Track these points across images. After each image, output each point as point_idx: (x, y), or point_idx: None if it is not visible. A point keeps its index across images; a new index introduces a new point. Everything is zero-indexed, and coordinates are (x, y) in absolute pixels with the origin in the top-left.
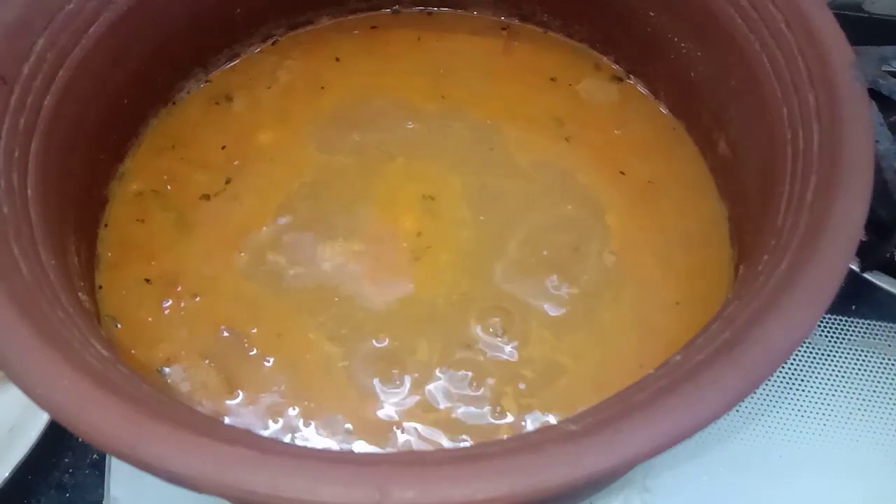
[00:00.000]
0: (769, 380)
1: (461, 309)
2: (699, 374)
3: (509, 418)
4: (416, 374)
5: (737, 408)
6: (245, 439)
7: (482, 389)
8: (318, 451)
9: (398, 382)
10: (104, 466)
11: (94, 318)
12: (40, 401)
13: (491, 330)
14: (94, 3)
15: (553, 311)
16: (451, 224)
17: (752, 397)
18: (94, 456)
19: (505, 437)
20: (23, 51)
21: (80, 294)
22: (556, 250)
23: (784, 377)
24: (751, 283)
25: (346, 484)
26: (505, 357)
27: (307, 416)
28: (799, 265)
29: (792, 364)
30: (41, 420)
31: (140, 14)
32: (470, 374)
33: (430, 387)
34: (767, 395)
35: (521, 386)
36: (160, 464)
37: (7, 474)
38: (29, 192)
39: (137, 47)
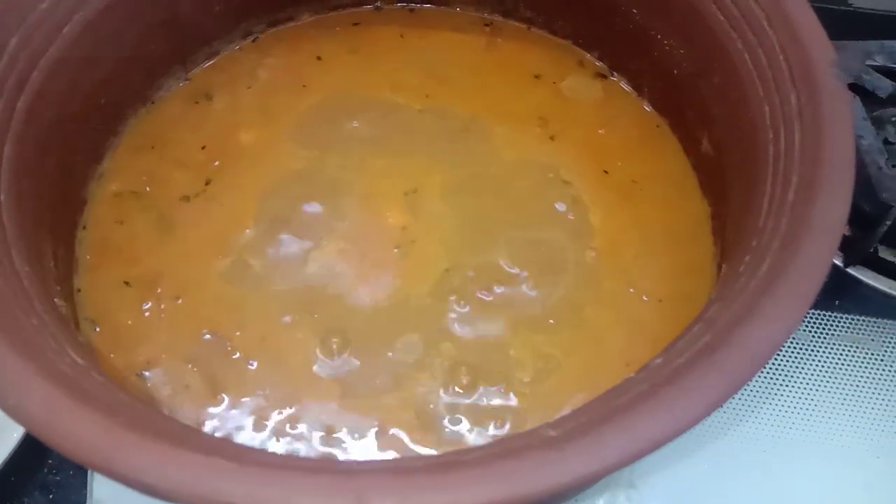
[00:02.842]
0: (755, 377)
1: (448, 305)
2: (680, 377)
3: (498, 418)
4: (405, 374)
5: (724, 404)
6: (222, 449)
7: (470, 388)
8: (297, 460)
9: (387, 383)
10: None
11: (71, 324)
12: (13, 413)
13: (478, 327)
14: (69, 2)
15: (539, 308)
16: (435, 221)
17: (738, 393)
18: None
19: (485, 441)
20: None
21: (56, 299)
22: (540, 248)
23: (767, 373)
24: (732, 284)
25: (325, 494)
26: (493, 355)
27: (293, 420)
28: (780, 267)
29: (775, 360)
30: None
31: (116, 12)
32: (458, 372)
33: (420, 387)
34: (752, 391)
35: (510, 384)
36: (136, 476)
37: None
38: (2, 196)
39: (114, 46)
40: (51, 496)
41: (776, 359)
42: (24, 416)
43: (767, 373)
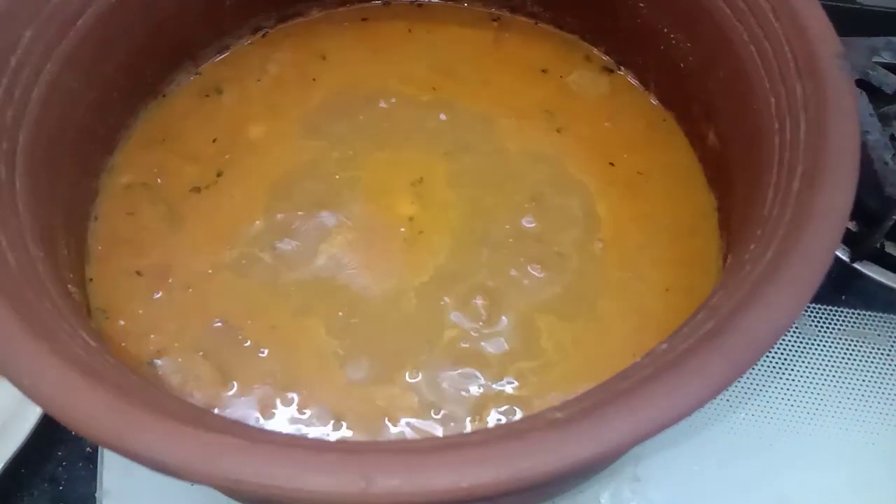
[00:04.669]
0: (761, 370)
1: (455, 297)
2: (683, 362)
3: (505, 405)
4: (413, 363)
5: (730, 397)
6: (232, 428)
7: (478, 378)
8: (305, 439)
9: (396, 370)
10: (97, 459)
11: (84, 310)
12: (28, 391)
13: (484, 317)
14: None
15: (548, 298)
16: (442, 212)
17: (744, 386)
18: (88, 449)
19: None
20: (10, 42)
21: (69, 286)
22: (548, 238)
23: (774, 366)
24: (736, 273)
25: (332, 471)
26: (499, 345)
27: (302, 406)
28: (783, 254)
29: (782, 353)
30: (34, 413)
31: (129, 5)
32: (465, 362)
33: (427, 376)
34: (757, 385)
35: (519, 373)
36: (147, 453)
37: (0, 467)
38: (17, 184)
39: (126, 39)
40: (60, 488)
41: (782, 352)
42: (38, 395)
43: (773, 366)
